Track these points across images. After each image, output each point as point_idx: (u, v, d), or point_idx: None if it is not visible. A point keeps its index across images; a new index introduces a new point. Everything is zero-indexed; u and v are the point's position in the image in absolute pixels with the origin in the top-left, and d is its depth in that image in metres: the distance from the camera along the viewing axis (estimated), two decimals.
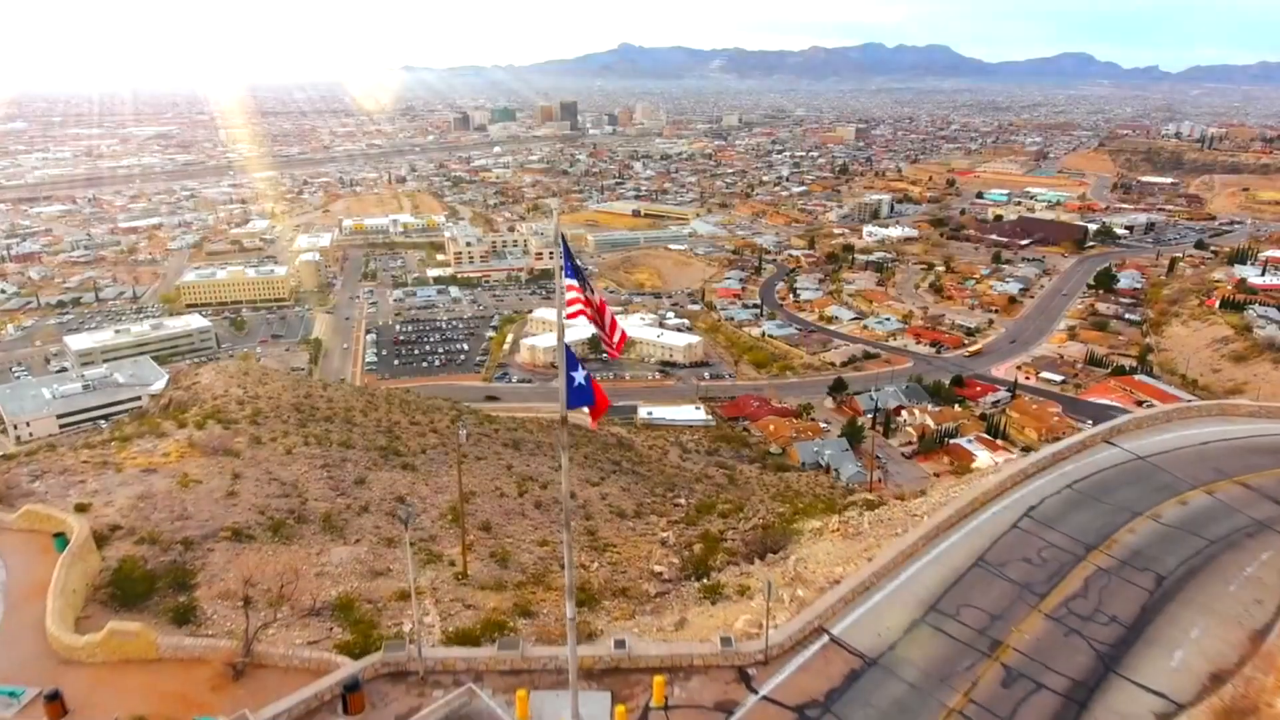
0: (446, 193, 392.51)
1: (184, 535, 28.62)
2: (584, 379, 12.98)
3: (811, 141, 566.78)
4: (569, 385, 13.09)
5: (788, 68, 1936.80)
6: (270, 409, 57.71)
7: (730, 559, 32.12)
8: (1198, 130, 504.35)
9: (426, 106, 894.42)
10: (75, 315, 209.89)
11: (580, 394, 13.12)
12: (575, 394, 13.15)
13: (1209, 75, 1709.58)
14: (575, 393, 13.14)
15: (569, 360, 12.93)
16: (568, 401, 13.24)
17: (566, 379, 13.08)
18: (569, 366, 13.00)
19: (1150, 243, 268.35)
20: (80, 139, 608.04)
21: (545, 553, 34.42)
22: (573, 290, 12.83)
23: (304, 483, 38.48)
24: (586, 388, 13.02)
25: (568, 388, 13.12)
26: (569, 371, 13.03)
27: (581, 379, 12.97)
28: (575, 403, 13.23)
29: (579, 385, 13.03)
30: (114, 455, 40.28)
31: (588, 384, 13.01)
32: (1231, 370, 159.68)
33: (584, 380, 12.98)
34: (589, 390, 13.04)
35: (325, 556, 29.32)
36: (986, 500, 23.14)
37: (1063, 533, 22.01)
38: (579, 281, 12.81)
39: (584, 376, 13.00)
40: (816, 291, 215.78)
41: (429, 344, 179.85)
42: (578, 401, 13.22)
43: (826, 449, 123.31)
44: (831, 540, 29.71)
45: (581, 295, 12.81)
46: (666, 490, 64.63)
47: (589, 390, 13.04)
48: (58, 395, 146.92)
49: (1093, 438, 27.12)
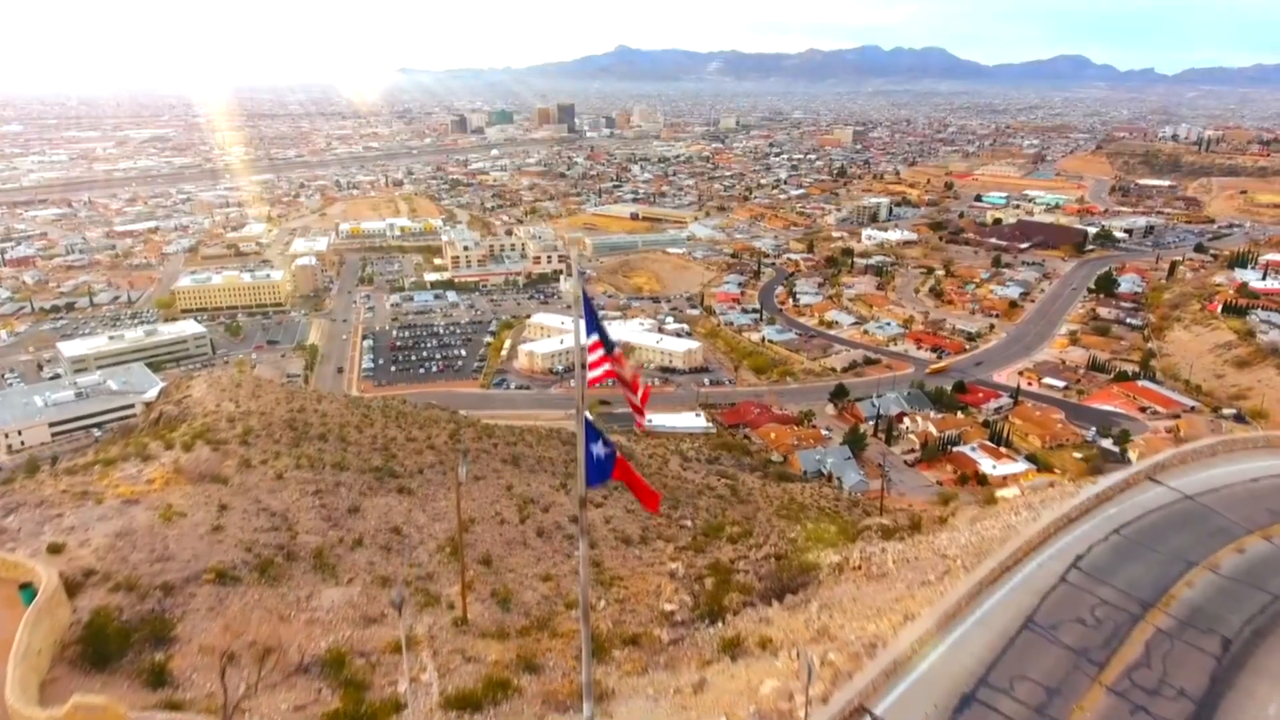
0: (444, 196, 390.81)
1: (164, 579, 26.80)
2: (605, 453, 11.13)
3: (809, 144, 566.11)
4: (588, 460, 11.25)
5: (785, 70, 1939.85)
6: (262, 426, 55.82)
7: (745, 598, 30.29)
8: (1195, 133, 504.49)
9: (423, 109, 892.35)
10: (69, 320, 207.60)
11: (601, 469, 11.29)
12: (596, 469, 11.33)
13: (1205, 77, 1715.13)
14: (596, 467, 11.32)
15: (588, 431, 11.11)
16: (588, 478, 11.42)
17: (585, 452, 11.23)
18: (588, 438, 11.16)
19: (1149, 246, 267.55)
20: (76, 142, 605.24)
21: (549, 590, 32.66)
22: (596, 350, 11.05)
23: (295, 513, 36.67)
24: (608, 463, 11.18)
25: (587, 463, 11.28)
26: (588, 444, 11.18)
27: (602, 453, 11.12)
28: (596, 479, 11.42)
29: (599, 459, 11.19)
30: (95, 483, 38.40)
31: (610, 459, 11.15)
32: (1235, 376, 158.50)
33: (606, 454, 11.13)
34: (611, 466, 11.19)
35: (315, 600, 27.54)
36: (1030, 550, 21.44)
37: (1115, 587, 20.31)
38: (603, 340, 11.02)
39: (605, 450, 11.15)
40: (816, 296, 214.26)
41: (426, 350, 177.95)
42: (599, 478, 11.40)
43: (828, 457, 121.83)
44: (855, 582, 27.92)
45: (607, 355, 11.03)
46: (671, 508, 62.87)
47: (611, 466, 11.19)
48: (50, 403, 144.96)
49: (1136, 475, 25.47)
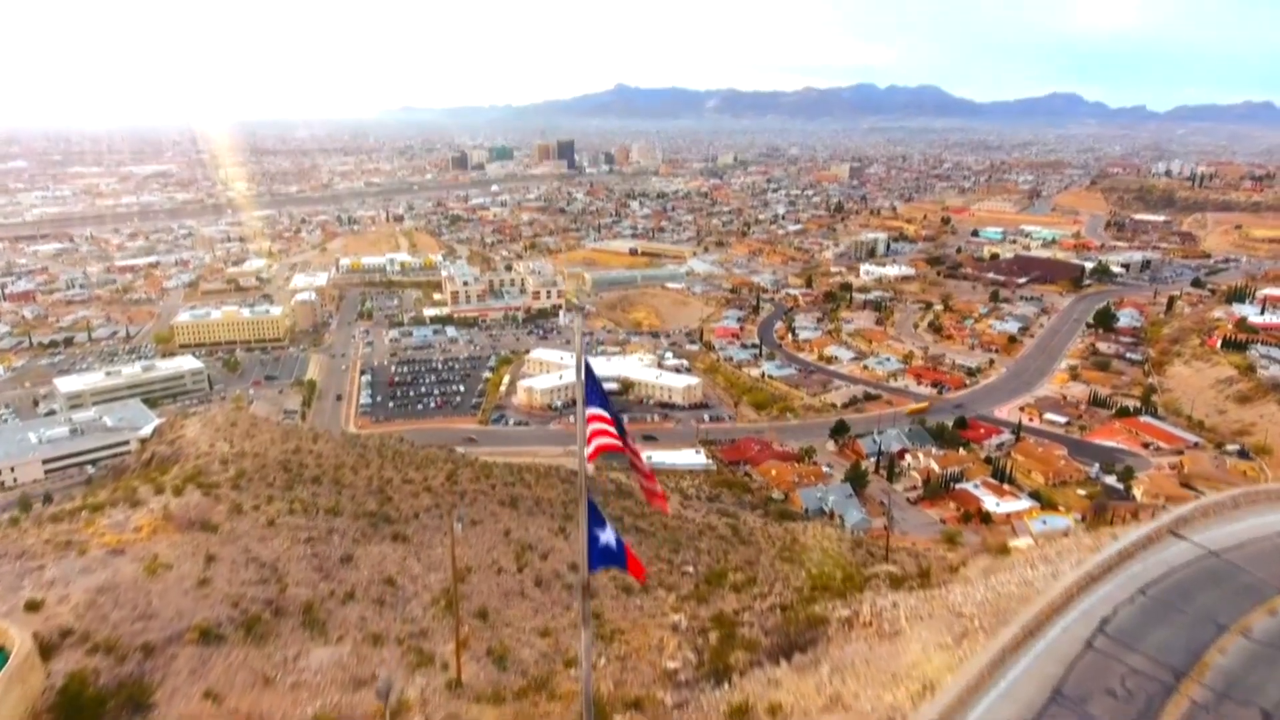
0: (444, 231, 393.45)
1: (145, 639, 25.65)
2: (613, 540, 10.26)
3: (806, 180, 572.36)
4: (592, 546, 10.40)
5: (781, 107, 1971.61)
6: (255, 468, 54.74)
7: (752, 656, 29.04)
8: (1187, 168, 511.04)
9: (425, 145, 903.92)
10: (67, 356, 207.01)
11: (606, 556, 10.43)
12: (600, 555, 10.48)
13: (1195, 115, 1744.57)
14: (600, 554, 10.46)
15: (592, 516, 10.28)
16: (590, 563, 10.56)
17: (589, 538, 10.37)
18: (592, 523, 10.32)
19: (1147, 280, 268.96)
20: (80, 177, 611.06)
21: (548, 646, 31.41)
22: (597, 421, 10.27)
23: (285, 563, 35.54)
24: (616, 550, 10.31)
25: (591, 549, 10.42)
26: (592, 529, 10.34)
27: (610, 540, 10.25)
28: (599, 564, 10.56)
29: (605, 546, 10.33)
30: (81, 531, 37.27)
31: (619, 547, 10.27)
32: (1238, 411, 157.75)
33: (614, 541, 10.26)
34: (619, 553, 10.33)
35: (303, 660, 26.35)
36: (1053, 611, 20.45)
37: (1145, 654, 19.27)
38: (606, 411, 10.25)
39: (613, 537, 10.28)
40: (815, 331, 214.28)
41: (425, 385, 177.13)
42: (602, 563, 10.55)
43: (830, 495, 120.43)
44: (866, 640, 26.73)
45: (610, 428, 10.24)
46: (672, 551, 61.53)
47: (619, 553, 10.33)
48: (44, 440, 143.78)
49: (1158, 530, 24.56)
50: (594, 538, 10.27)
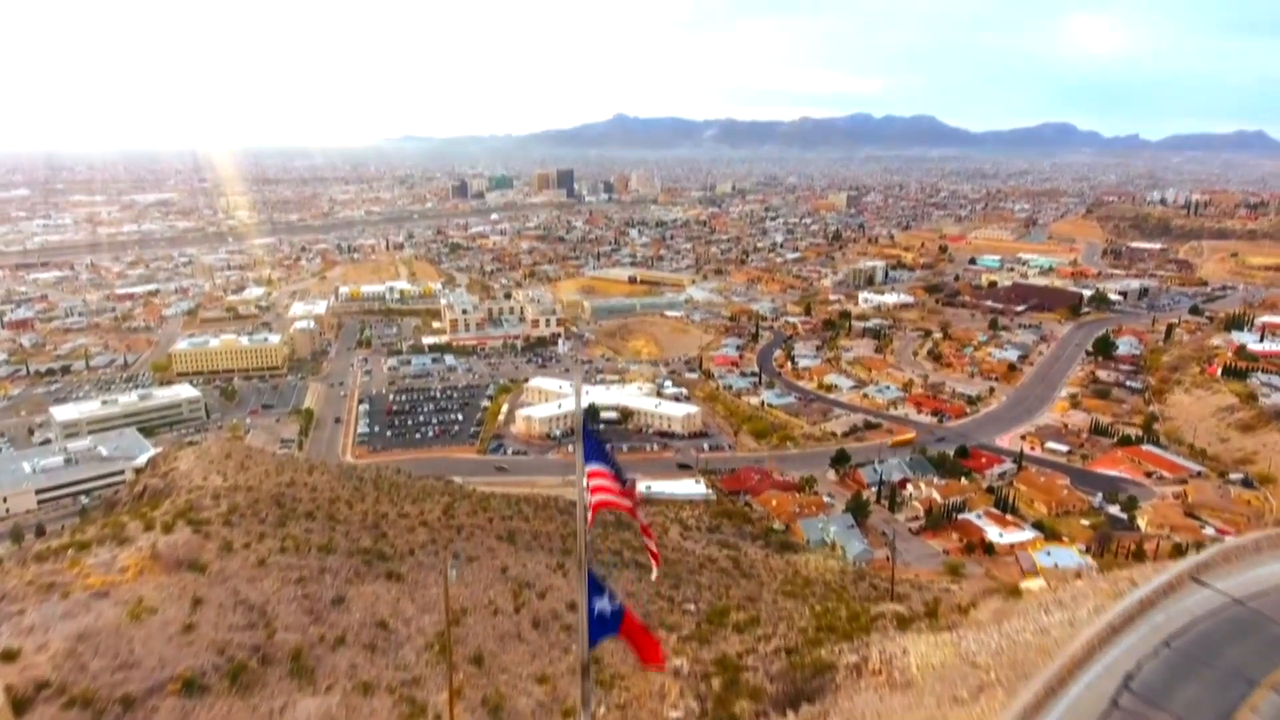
0: (444, 259, 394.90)
1: (125, 690, 24.59)
2: (611, 609, 9.48)
3: (804, 209, 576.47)
4: (590, 616, 9.61)
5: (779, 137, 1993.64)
6: (247, 504, 53.61)
7: (757, 706, 27.96)
8: (1182, 196, 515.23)
9: (425, 174, 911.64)
10: (63, 384, 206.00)
11: (605, 626, 9.64)
12: (599, 626, 9.69)
13: (1188, 143, 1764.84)
14: (599, 624, 9.67)
15: (591, 585, 9.51)
16: (590, 635, 9.76)
17: (588, 608, 9.59)
18: (591, 592, 9.55)
19: (1144, 308, 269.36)
20: (82, 205, 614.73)
21: (545, 694, 30.28)
22: (598, 478, 9.55)
23: (274, 605, 34.43)
24: (614, 620, 9.53)
25: (589, 619, 9.64)
26: (591, 599, 9.56)
27: (608, 608, 9.48)
28: (599, 635, 9.77)
29: (603, 616, 9.55)
30: (65, 571, 36.16)
31: (616, 615, 9.50)
32: (1240, 440, 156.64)
33: (611, 611, 9.49)
34: (616, 623, 9.54)
35: (290, 712, 25.26)
36: (1075, 665, 19.52)
37: (1173, 713, 18.35)
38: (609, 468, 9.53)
39: (612, 606, 9.50)
40: (814, 359, 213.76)
41: (423, 414, 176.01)
42: (602, 634, 9.76)
43: (831, 525, 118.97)
44: (876, 690, 25.70)
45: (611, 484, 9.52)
46: (672, 587, 60.17)
47: (616, 623, 9.54)
48: (38, 469, 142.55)
49: (1179, 577, 23.68)
50: (592, 608, 9.52)
